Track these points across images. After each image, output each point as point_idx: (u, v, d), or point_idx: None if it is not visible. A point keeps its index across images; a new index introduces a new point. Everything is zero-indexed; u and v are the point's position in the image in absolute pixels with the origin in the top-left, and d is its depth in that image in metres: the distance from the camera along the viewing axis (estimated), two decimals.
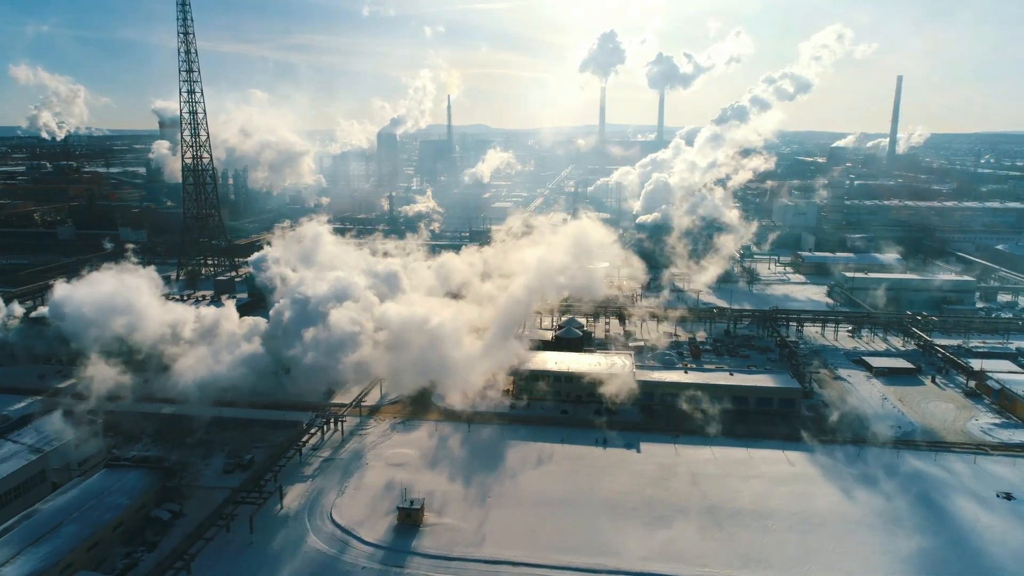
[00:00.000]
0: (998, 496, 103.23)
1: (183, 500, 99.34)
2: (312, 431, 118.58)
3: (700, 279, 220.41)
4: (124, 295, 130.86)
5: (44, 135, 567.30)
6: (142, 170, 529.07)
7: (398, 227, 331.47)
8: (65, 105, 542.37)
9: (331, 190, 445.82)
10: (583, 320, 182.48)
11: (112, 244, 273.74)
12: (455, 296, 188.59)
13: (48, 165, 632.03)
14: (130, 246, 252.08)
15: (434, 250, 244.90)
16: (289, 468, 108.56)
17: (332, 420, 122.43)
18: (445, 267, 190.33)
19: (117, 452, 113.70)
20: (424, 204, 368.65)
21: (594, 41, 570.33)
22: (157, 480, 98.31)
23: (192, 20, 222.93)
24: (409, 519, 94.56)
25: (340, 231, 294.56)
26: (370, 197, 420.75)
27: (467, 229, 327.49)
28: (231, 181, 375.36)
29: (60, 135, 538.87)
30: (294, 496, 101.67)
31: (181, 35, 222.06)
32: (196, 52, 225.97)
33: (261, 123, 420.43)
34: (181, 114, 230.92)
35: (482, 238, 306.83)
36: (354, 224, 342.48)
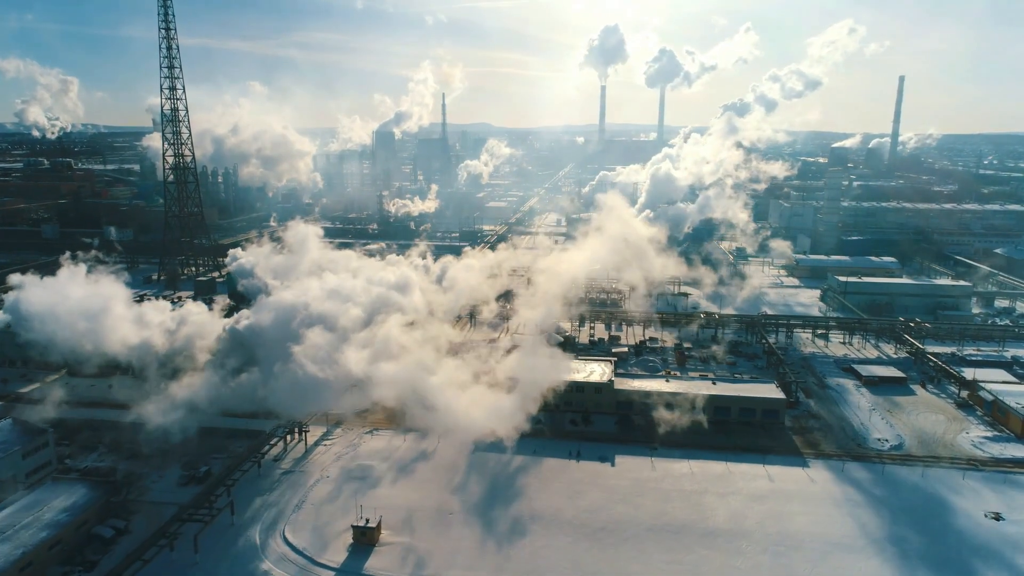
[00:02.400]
0: (986, 516, 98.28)
1: (130, 515, 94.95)
2: (274, 441, 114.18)
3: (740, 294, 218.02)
4: (82, 300, 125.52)
5: (35, 133, 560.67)
6: (137, 167, 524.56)
7: (390, 227, 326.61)
8: (57, 99, 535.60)
9: (326, 189, 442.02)
10: (567, 324, 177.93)
11: (97, 242, 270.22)
12: (471, 316, 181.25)
13: (46, 162, 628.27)
14: (95, 246, 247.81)
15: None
16: (246, 481, 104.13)
17: (296, 429, 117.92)
18: (455, 285, 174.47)
19: (70, 463, 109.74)
20: (425, 204, 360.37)
21: (596, 35, 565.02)
22: (102, 494, 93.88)
23: (174, 16, 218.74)
24: (364, 538, 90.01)
25: (329, 232, 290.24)
26: (364, 196, 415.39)
27: (458, 229, 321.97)
28: (220, 179, 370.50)
29: (51, 131, 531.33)
30: (247, 512, 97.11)
31: (162, 31, 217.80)
32: (178, 48, 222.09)
33: (257, 119, 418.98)
34: (163, 111, 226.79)
35: (473, 238, 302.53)
36: (344, 224, 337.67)
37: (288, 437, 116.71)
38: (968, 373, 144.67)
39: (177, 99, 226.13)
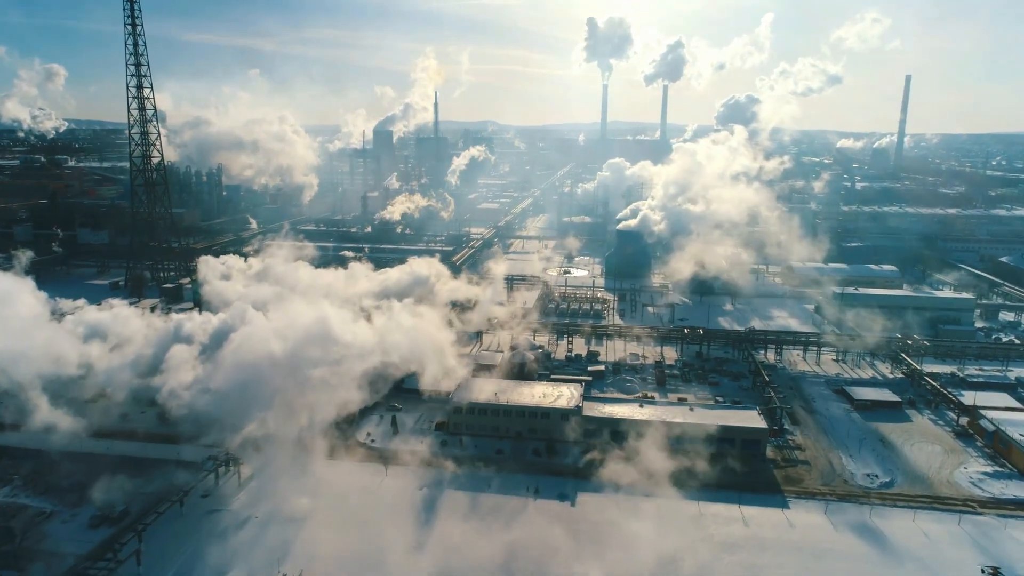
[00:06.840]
0: (983, 572, 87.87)
1: (27, 565, 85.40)
2: (203, 474, 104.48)
3: None
4: None
5: (20, 133, 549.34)
6: (127, 164, 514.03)
7: (375, 230, 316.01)
8: (42, 89, 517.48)
9: (320, 189, 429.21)
10: (544, 340, 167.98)
11: (62, 245, 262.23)
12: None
13: (43, 159, 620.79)
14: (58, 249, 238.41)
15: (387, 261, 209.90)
16: (163, 523, 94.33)
17: (229, 461, 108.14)
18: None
19: None
20: (413, 204, 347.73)
21: (601, 24, 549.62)
22: None
23: (140, 11, 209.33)
24: None
25: (312, 235, 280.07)
26: (355, 197, 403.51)
27: (444, 232, 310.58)
28: (205, 178, 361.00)
29: (38, 127, 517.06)
30: (158, 562, 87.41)
31: (128, 27, 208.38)
32: (145, 44, 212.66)
33: (252, 114, 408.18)
34: (129, 110, 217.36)
35: (459, 242, 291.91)
36: (329, 226, 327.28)
37: (220, 469, 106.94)
38: (968, 397, 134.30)
39: (144, 97, 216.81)
